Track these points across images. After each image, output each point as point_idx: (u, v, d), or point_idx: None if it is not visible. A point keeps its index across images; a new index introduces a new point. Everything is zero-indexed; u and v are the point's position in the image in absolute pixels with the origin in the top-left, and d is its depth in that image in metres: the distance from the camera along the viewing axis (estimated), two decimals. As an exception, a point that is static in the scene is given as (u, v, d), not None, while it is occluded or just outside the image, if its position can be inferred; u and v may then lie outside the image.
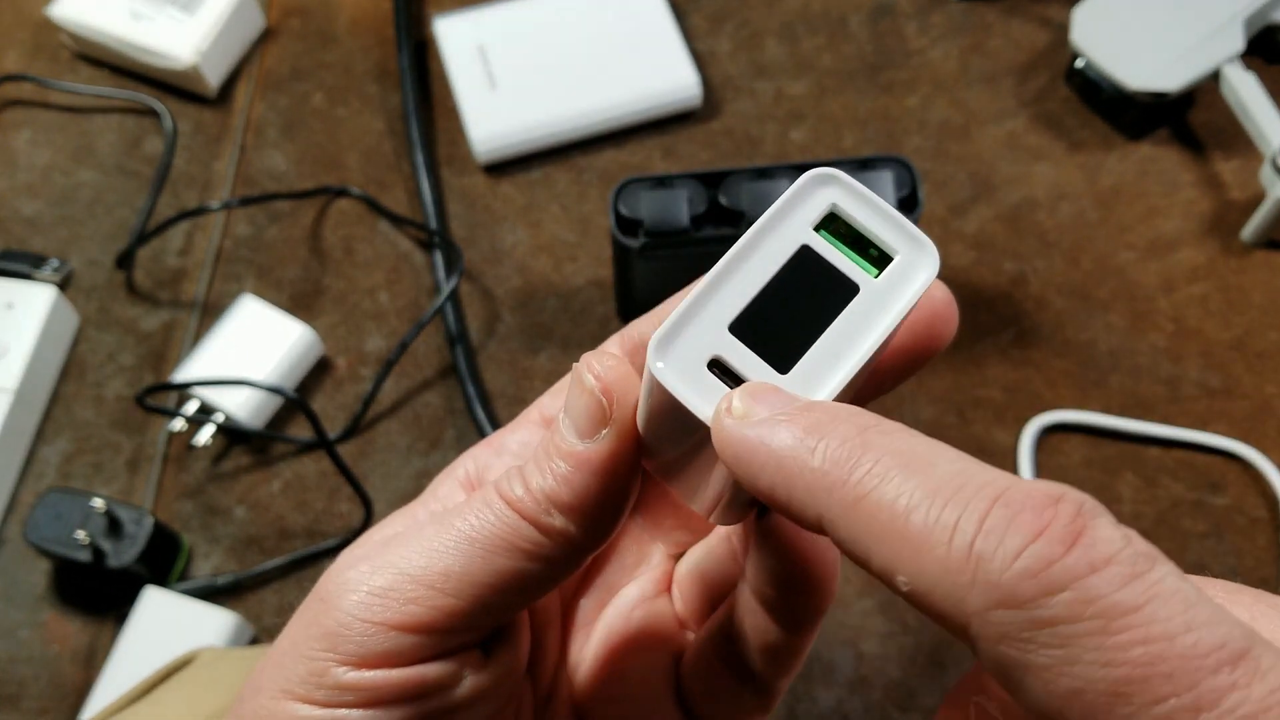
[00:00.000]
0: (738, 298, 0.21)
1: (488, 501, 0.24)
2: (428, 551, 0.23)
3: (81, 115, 0.71)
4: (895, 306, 0.21)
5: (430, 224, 0.65)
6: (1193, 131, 0.67)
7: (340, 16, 0.74)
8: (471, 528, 0.23)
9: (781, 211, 0.21)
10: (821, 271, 0.21)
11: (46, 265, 0.64)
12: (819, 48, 0.71)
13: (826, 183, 0.21)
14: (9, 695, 0.54)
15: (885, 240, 0.21)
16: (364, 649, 0.23)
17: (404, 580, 0.23)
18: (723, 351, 0.21)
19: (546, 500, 0.23)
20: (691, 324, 0.21)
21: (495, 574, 0.23)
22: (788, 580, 0.24)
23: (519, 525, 0.23)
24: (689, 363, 0.21)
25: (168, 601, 0.54)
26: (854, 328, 0.21)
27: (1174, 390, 0.59)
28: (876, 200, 0.21)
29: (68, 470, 0.60)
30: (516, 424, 0.28)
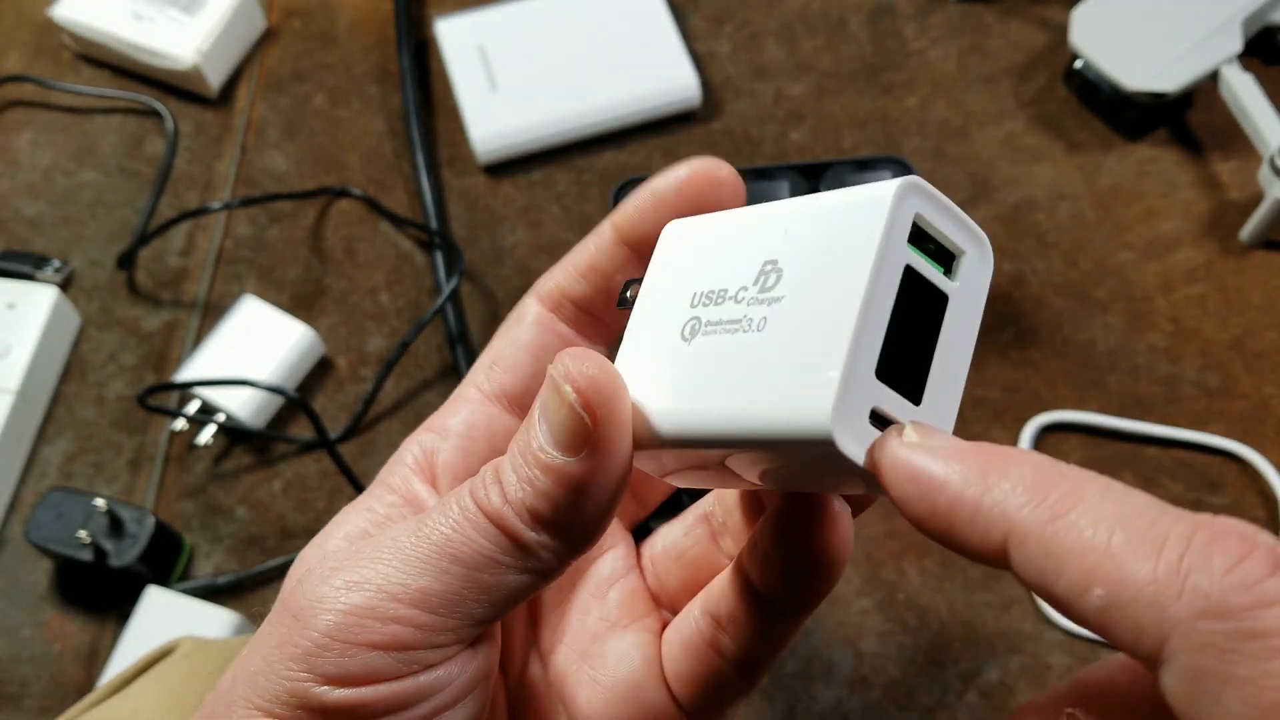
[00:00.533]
0: (874, 339, 0.20)
1: (464, 510, 0.23)
2: (405, 567, 0.23)
3: (83, 116, 0.71)
4: (977, 305, 0.21)
5: (431, 224, 0.65)
6: (1191, 132, 0.67)
7: (341, 17, 0.74)
8: (450, 541, 0.22)
9: (887, 235, 0.20)
10: (921, 289, 0.20)
11: (48, 266, 0.65)
12: (818, 49, 0.71)
13: (914, 192, 0.20)
14: (11, 694, 0.55)
15: (954, 242, 0.21)
16: (344, 670, 0.22)
17: (383, 599, 0.22)
18: (878, 401, 0.20)
19: (528, 514, 0.22)
20: (853, 382, 0.19)
21: (478, 590, 0.22)
22: (800, 567, 0.24)
23: (500, 541, 0.22)
24: (857, 423, 0.19)
25: (169, 601, 0.54)
26: (953, 336, 0.21)
27: (1172, 390, 0.59)
28: (947, 201, 0.21)
29: (69, 470, 0.60)
30: (454, 404, 0.27)
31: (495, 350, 0.27)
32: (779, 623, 0.25)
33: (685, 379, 0.22)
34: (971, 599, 0.55)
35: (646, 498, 0.30)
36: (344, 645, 0.22)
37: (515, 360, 0.27)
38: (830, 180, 0.54)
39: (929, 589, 0.55)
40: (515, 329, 0.27)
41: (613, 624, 0.28)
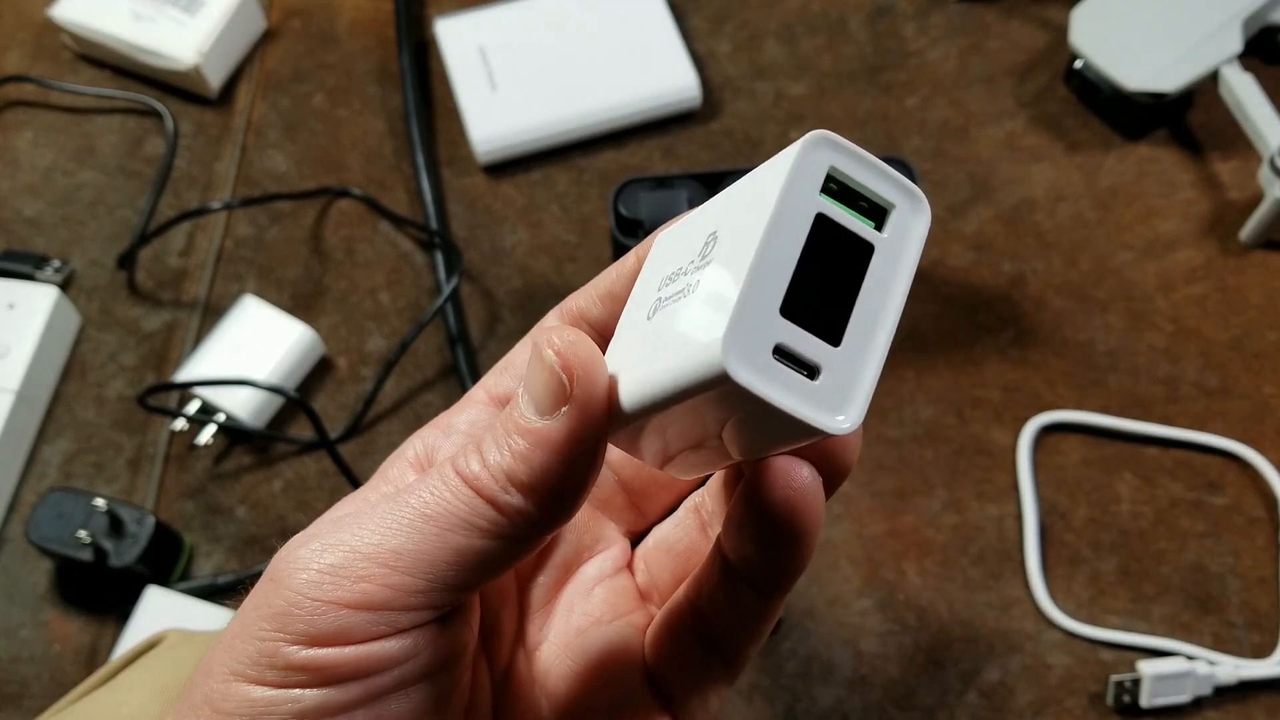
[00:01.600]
0: (778, 280, 0.20)
1: (444, 478, 0.23)
2: (380, 529, 0.23)
3: (83, 116, 0.71)
4: (909, 257, 0.21)
5: (431, 224, 0.65)
6: (1191, 132, 0.67)
7: (341, 18, 0.74)
8: (425, 504, 0.23)
9: (792, 182, 0.21)
10: (839, 237, 0.21)
11: (48, 266, 0.65)
12: (818, 49, 0.71)
13: (823, 146, 0.21)
14: (11, 694, 0.55)
15: (881, 195, 0.21)
16: (314, 628, 0.22)
17: (355, 558, 0.23)
18: (783, 337, 0.20)
19: (504, 478, 0.23)
20: (749, 316, 0.20)
21: (450, 552, 0.23)
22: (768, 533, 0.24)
23: (475, 503, 0.23)
24: (757, 354, 0.20)
25: (169, 601, 0.54)
26: (880, 287, 0.21)
27: (1172, 390, 0.59)
28: (868, 156, 0.21)
29: (69, 470, 0.60)
30: (462, 404, 0.28)
31: (510, 358, 0.28)
32: (756, 601, 0.25)
33: (641, 353, 0.23)
34: (971, 599, 0.55)
35: (646, 508, 0.30)
36: (315, 603, 0.22)
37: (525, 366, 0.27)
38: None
39: (929, 589, 0.55)
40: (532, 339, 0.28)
41: (596, 620, 0.28)
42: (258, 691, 0.23)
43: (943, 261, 0.63)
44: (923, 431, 0.59)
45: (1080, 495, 0.57)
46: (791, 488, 0.23)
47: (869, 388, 0.21)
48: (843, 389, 0.21)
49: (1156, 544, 0.56)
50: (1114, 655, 0.54)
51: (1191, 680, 0.52)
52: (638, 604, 0.29)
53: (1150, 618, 0.54)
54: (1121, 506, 0.57)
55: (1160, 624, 0.54)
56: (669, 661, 0.27)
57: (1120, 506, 0.57)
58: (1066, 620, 0.54)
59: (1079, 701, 0.53)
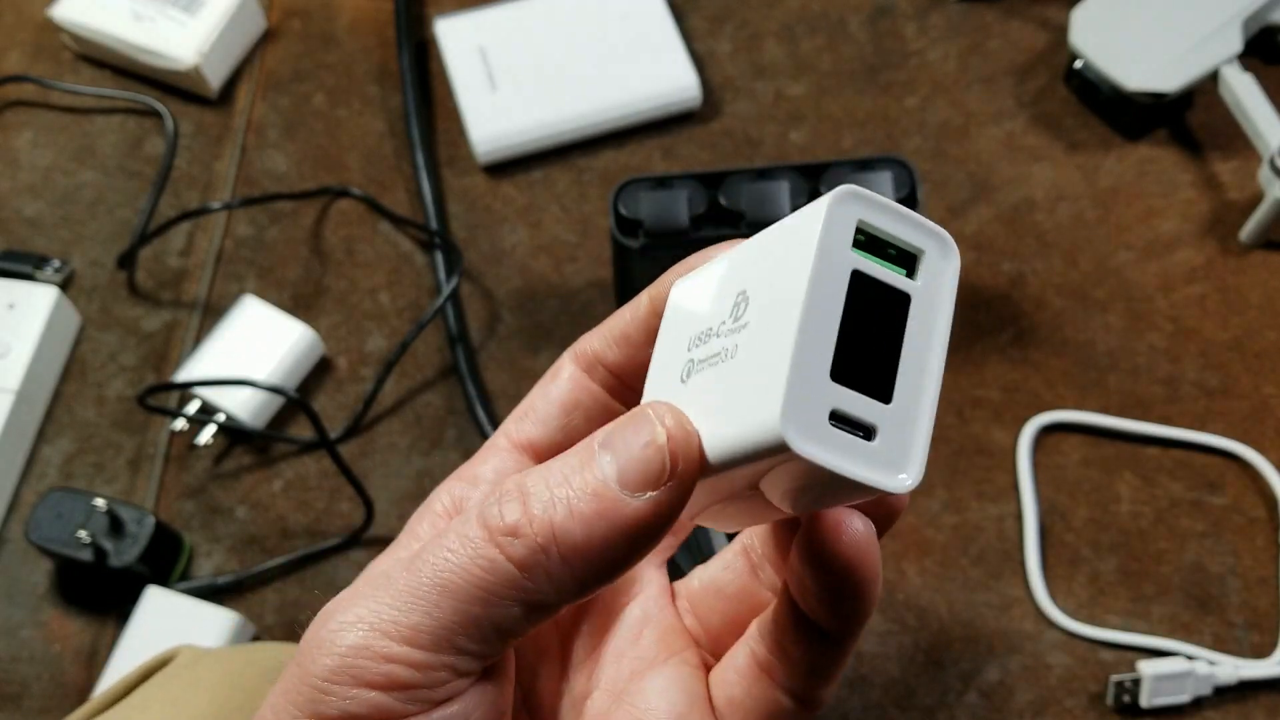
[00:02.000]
0: (825, 343, 0.20)
1: (463, 538, 0.22)
2: (398, 601, 0.22)
3: (83, 116, 0.71)
4: (944, 302, 0.21)
5: (431, 224, 0.65)
6: (1191, 132, 0.67)
7: (341, 18, 0.74)
8: (439, 573, 0.22)
9: (824, 239, 0.21)
10: (876, 291, 0.21)
11: (48, 266, 0.65)
12: (818, 49, 0.71)
13: (851, 199, 0.21)
14: (11, 695, 0.55)
15: (909, 242, 0.21)
16: (347, 712, 0.22)
17: (376, 637, 0.22)
18: (837, 402, 0.20)
19: (552, 535, 0.21)
20: (801, 382, 0.20)
21: (468, 624, 0.22)
22: (829, 584, 0.23)
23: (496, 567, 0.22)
24: (815, 423, 0.20)
25: (169, 601, 0.54)
26: (921, 334, 0.21)
27: (1172, 390, 0.59)
28: (892, 204, 0.21)
29: (69, 470, 0.60)
30: (484, 453, 0.27)
31: (529, 403, 0.28)
32: (827, 647, 0.25)
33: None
34: (971, 599, 0.55)
35: (678, 529, 0.29)
36: (343, 687, 0.22)
37: (546, 413, 0.27)
38: (830, 180, 0.54)
39: (929, 589, 0.55)
40: (550, 384, 0.27)
41: (650, 661, 0.27)
42: None
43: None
44: (923, 431, 0.59)
45: (1080, 495, 0.57)
46: (846, 542, 0.23)
47: (925, 441, 0.21)
48: (900, 446, 0.21)
49: (1156, 544, 0.56)
50: (1114, 655, 0.54)
51: (1191, 680, 0.52)
52: (688, 642, 0.28)
53: (1150, 618, 0.54)
54: (1121, 506, 0.57)
55: (1160, 624, 0.54)
56: (737, 701, 0.26)
57: (1120, 506, 0.57)
58: (1066, 620, 0.54)
59: (1079, 701, 0.53)
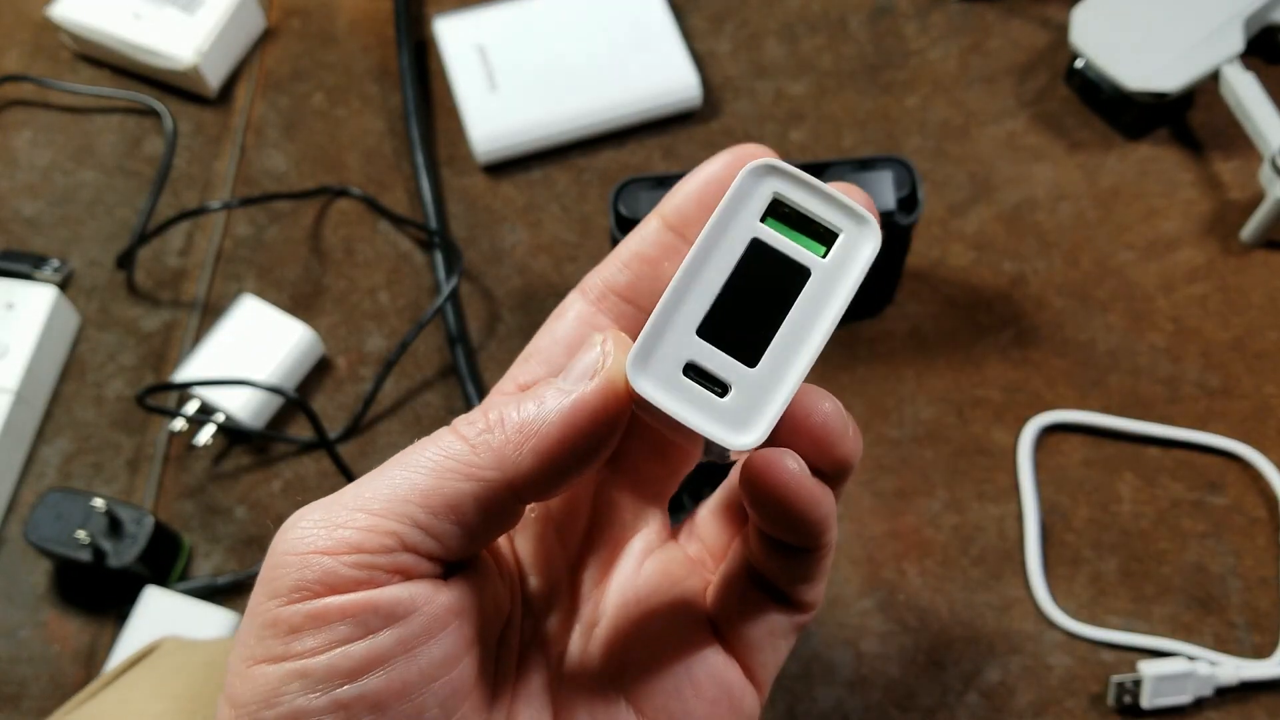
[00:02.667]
0: (701, 301, 0.22)
1: (435, 436, 0.24)
2: (363, 484, 0.24)
3: (82, 115, 0.71)
4: (845, 284, 0.22)
5: (430, 224, 0.65)
6: (1192, 132, 0.67)
7: (340, 17, 0.74)
8: (403, 454, 0.24)
9: (730, 208, 0.22)
10: (774, 261, 0.22)
11: (47, 265, 0.64)
12: (819, 48, 0.71)
13: (766, 174, 0.22)
14: (10, 695, 0.55)
15: (829, 220, 0.22)
16: (300, 581, 0.22)
17: (336, 509, 0.23)
18: (696, 356, 0.22)
19: (498, 418, 0.23)
20: (663, 335, 0.22)
21: (420, 494, 0.23)
22: (778, 519, 0.24)
23: (450, 442, 0.23)
24: (667, 372, 0.22)
25: (168, 601, 0.54)
26: (811, 310, 0.22)
27: (1173, 390, 0.59)
28: (814, 182, 0.22)
29: (68, 470, 0.60)
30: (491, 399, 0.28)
31: (534, 345, 0.28)
32: (800, 557, 0.26)
33: None
34: (971, 599, 0.55)
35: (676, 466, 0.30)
36: (298, 557, 0.23)
37: (551, 353, 0.27)
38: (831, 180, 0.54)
39: (929, 589, 0.55)
40: (556, 324, 0.28)
41: (653, 589, 0.28)
42: (272, 670, 0.22)
43: (943, 261, 0.63)
44: (923, 431, 0.59)
45: (1081, 495, 0.57)
46: (773, 480, 0.23)
47: (778, 408, 0.22)
48: (752, 407, 0.22)
49: (1157, 544, 0.56)
50: (1115, 656, 0.54)
51: (1192, 681, 0.52)
52: (691, 569, 0.29)
53: (1151, 618, 0.54)
54: (1122, 507, 0.57)
55: (1161, 624, 0.54)
56: (734, 612, 0.27)
57: (1121, 507, 0.57)
58: (1067, 620, 0.54)
59: (1079, 702, 0.53)
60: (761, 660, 0.27)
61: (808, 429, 0.24)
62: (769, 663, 0.27)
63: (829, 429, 0.24)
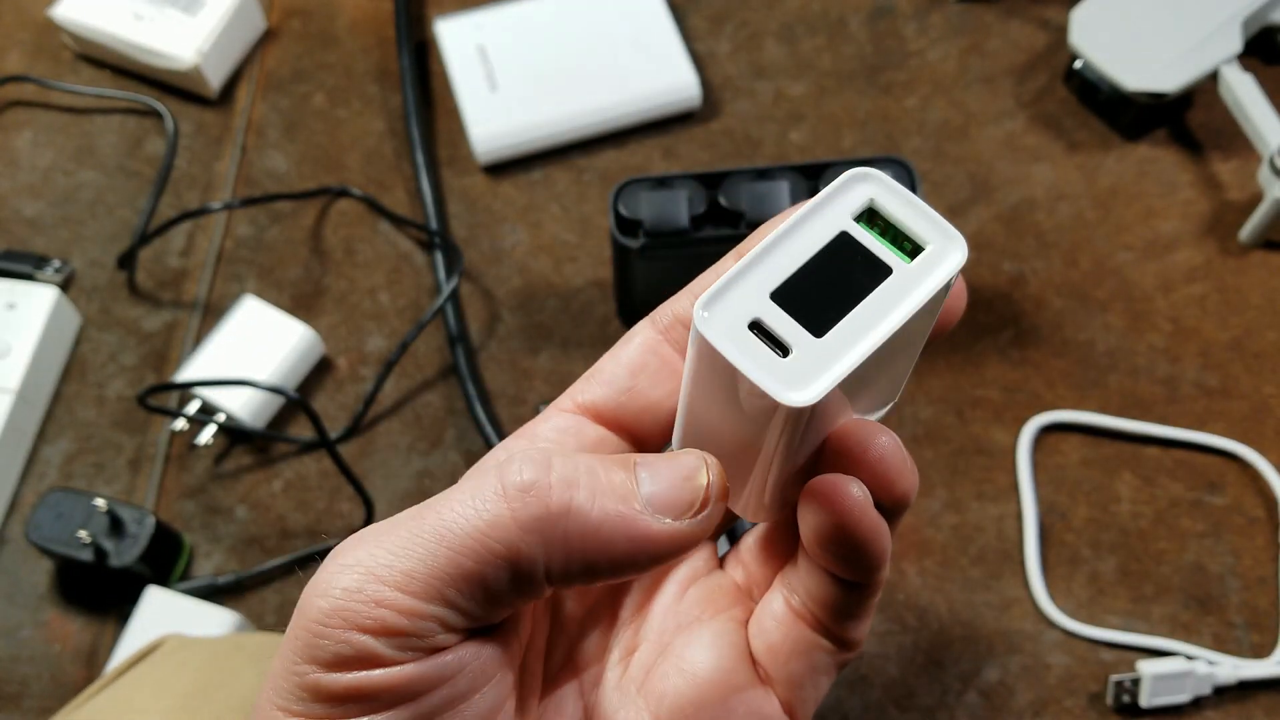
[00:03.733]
0: (781, 269, 0.22)
1: (475, 493, 0.23)
2: (396, 546, 0.22)
3: (83, 116, 0.71)
4: (924, 286, 0.22)
5: (431, 224, 0.65)
6: (1191, 132, 0.67)
7: (341, 18, 0.74)
8: (444, 523, 0.22)
9: (824, 202, 0.23)
10: (859, 255, 0.22)
11: (48, 266, 0.65)
12: (818, 49, 0.71)
13: (866, 179, 0.23)
14: (11, 694, 0.55)
15: (918, 233, 0.23)
16: (340, 655, 0.22)
17: (370, 581, 0.22)
18: (764, 315, 0.22)
19: (563, 506, 0.22)
20: (737, 287, 0.22)
21: (461, 577, 0.22)
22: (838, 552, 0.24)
23: (498, 518, 0.22)
24: (732, 322, 0.22)
25: (169, 601, 0.54)
26: (885, 303, 0.22)
27: (1172, 390, 0.59)
28: (913, 197, 0.23)
29: (70, 470, 0.60)
30: (549, 412, 0.27)
31: (598, 365, 0.28)
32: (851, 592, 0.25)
33: None
34: (971, 599, 0.55)
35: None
36: (337, 630, 0.22)
37: (613, 375, 0.27)
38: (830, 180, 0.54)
39: (929, 589, 0.55)
40: (621, 349, 0.28)
41: (695, 617, 0.28)
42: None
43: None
44: (923, 431, 0.59)
45: (1080, 495, 0.57)
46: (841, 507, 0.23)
47: (834, 379, 0.22)
48: (809, 372, 0.22)
49: (1156, 544, 0.56)
50: (1114, 655, 0.54)
51: (1191, 680, 0.52)
52: (736, 598, 0.29)
53: (1150, 618, 0.54)
54: (1121, 506, 0.57)
55: (1160, 624, 0.54)
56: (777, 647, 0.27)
57: (1120, 506, 0.57)
58: (1066, 620, 0.54)
59: (1079, 701, 0.53)
60: (802, 697, 0.27)
61: (866, 463, 0.24)
62: (809, 699, 0.27)
63: (887, 463, 0.24)
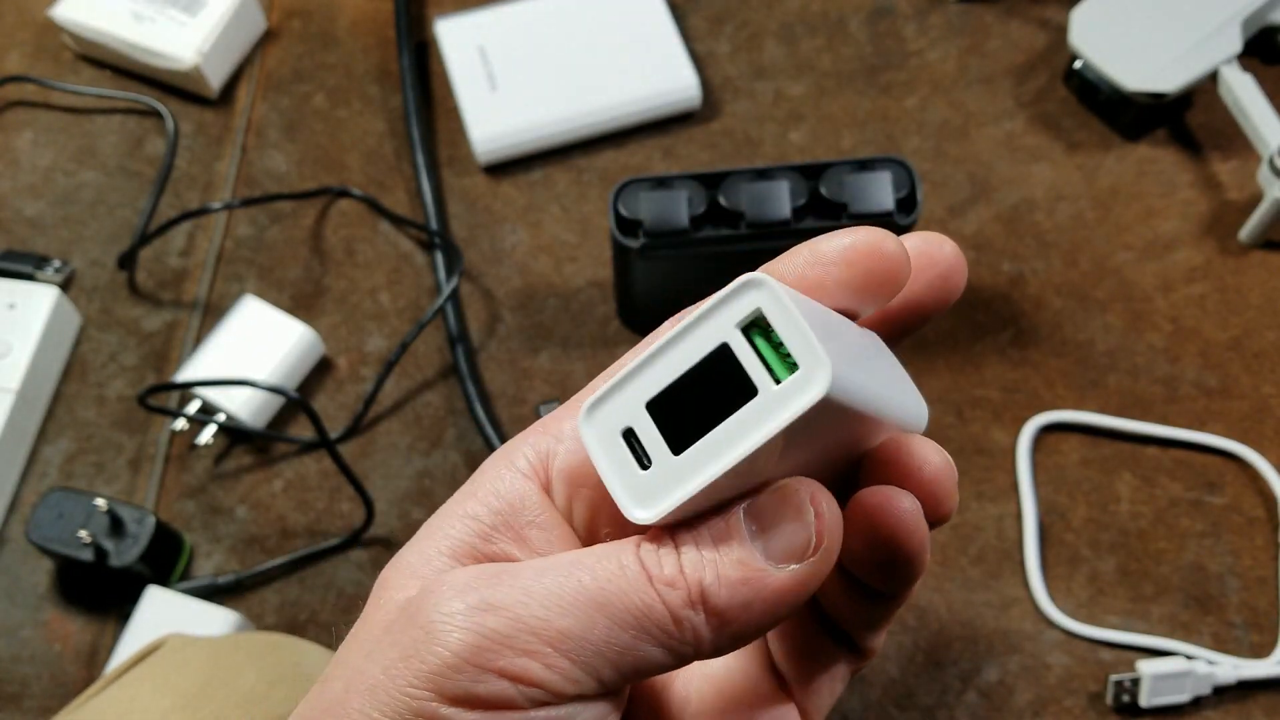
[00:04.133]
0: (660, 378, 0.23)
1: (625, 567, 0.22)
2: (549, 602, 0.22)
3: (83, 116, 0.71)
4: (778, 417, 0.22)
5: (431, 225, 0.65)
6: (1190, 132, 0.67)
7: (341, 18, 0.74)
8: (600, 590, 0.22)
9: (714, 307, 0.23)
10: (732, 370, 0.22)
11: (49, 266, 0.65)
12: (818, 49, 0.71)
13: (755, 287, 0.22)
14: (11, 694, 0.55)
15: (794, 351, 0.22)
16: (471, 694, 0.22)
17: (521, 630, 0.22)
18: (636, 425, 0.23)
19: (699, 593, 0.22)
20: (621, 392, 0.23)
21: (615, 649, 0.22)
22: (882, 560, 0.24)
23: (652, 607, 0.22)
24: (609, 428, 0.23)
25: (170, 601, 0.54)
26: (742, 428, 0.22)
27: (1172, 390, 0.59)
28: (795, 314, 0.22)
29: (70, 470, 0.60)
30: (571, 407, 0.27)
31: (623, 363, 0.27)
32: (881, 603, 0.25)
33: None
34: (971, 599, 0.55)
35: None
36: (475, 669, 0.22)
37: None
38: (830, 180, 0.54)
39: (928, 589, 0.55)
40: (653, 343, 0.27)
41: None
42: None
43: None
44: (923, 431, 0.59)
45: (1080, 495, 0.57)
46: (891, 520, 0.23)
47: (676, 502, 0.22)
48: (659, 490, 0.23)
49: (1156, 544, 0.56)
50: (1113, 655, 0.54)
51: (1191, 680, 0.52)
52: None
53: (1149, 617, 0.55)
54: (1121, 506, 0.57)
55: (1159, 624, 0.54)
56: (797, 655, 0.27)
57: (1119, 506, 0.57)
58: (1066, 620, 0.54)
59: (1078, 701, 0.53)
60: (818, 704, 0.27)
61: (919, 481, 0.24)
62: (824, 706, 0.27)
63: (939, 483, 0.24)
